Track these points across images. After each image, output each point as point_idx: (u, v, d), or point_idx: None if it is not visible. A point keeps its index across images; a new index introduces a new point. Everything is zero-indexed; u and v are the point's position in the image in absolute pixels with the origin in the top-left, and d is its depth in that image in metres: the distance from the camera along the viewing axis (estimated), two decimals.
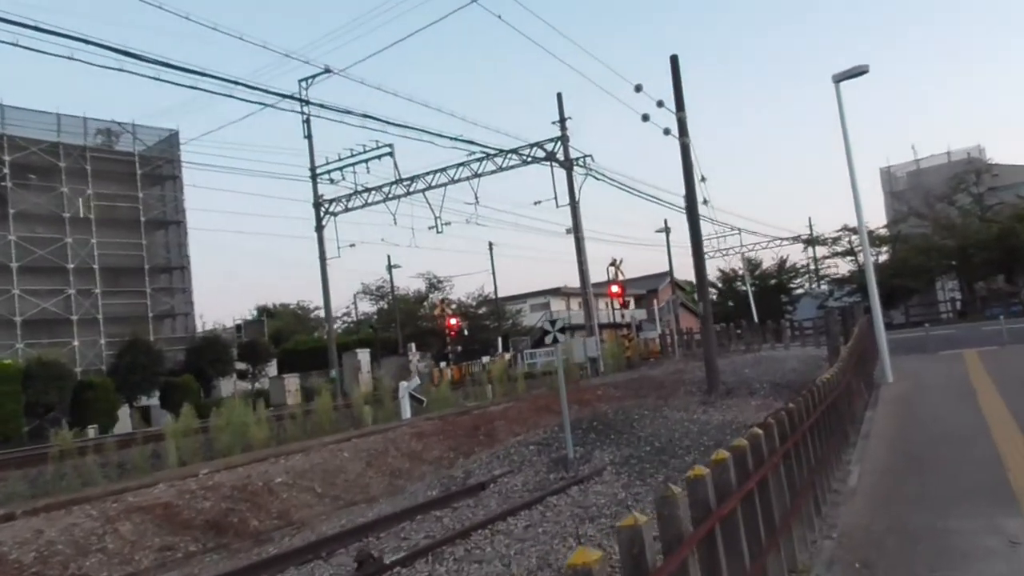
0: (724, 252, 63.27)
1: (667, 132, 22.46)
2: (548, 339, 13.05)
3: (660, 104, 22.00)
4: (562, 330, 13.04)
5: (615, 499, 10.09)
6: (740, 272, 61.87)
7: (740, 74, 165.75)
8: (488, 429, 19.34)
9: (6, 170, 36.07)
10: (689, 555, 3.79)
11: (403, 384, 22.56)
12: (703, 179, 29.22)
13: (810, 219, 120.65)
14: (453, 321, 48.94)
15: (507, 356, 42.22)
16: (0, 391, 30.10)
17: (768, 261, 66.42)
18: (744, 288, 58.72)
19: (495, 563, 7.55)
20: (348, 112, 24.27)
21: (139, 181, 41.52)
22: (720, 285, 66.09)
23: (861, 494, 8.09)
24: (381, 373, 39.00)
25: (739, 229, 61.90)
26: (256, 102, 21.51)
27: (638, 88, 20.88)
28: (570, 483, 11.17)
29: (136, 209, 41.21)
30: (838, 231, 59.33)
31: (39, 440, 28.32)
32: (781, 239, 65.87)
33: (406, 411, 22.13)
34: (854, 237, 54.58)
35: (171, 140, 43.01)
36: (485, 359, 41.92)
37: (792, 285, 66.62)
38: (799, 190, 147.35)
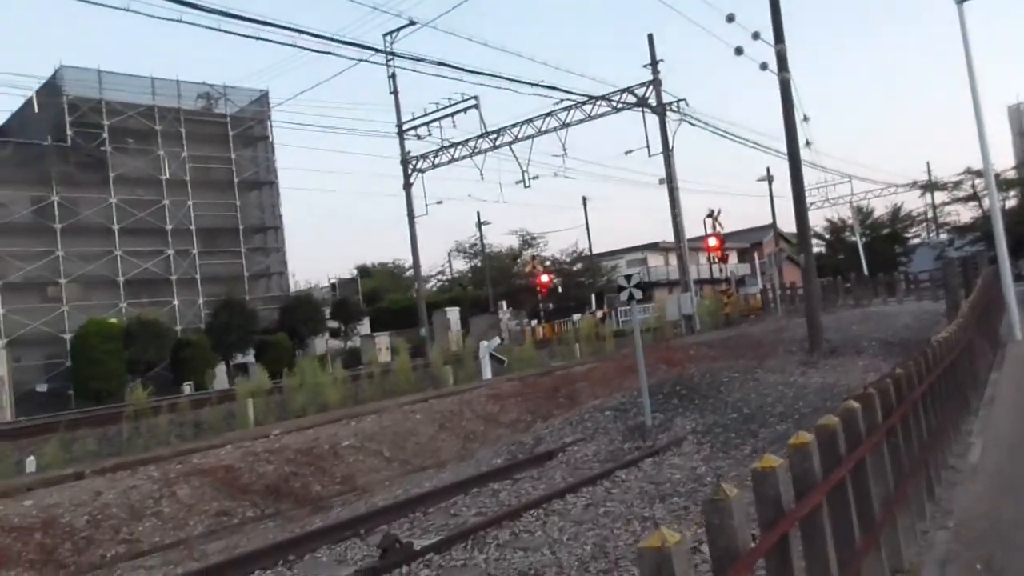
0: (833, 201, 59.62)
1: (764, 67, 20.59)
2: (623, 296, 11.88)
3: (756, 36, 20.13)
4: (638, 286, 11.85)
5: (693, 474, 8.96)
6: (849, 222, 58.38)
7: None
8: (569, 391, 18.41)
9: (105, 135, 36.94)
10: None
11: (483, 344, 21.85)
12: (805, 119, 27.09)
13: (928, 163, 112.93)
14: (544, 278, 48.01)
15: (598, 313, 40.99)
16: (104, 349, 31.09)
17: (880, 210, 62.39)
18: (853, 239, 55.39)
19: (542, 551, 6.58)
20: (421, 60, 23.36)
21: (232, 142, 41.99)
22: (827, 236, 62.67)
23: (983, 473, 6.76)
24: (463, 332, 38.57)
25: (849, 176, 58.04)
26: (338, 54, 20.89)
27: (730, 18, 19.11)
28: (645, 454, 10.08)
29: (229, 170, 41.76)
30: (959, 175, 54.81)
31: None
32: (896, 186, 61.45)
33: (487, 371, 21.44)
34: (978, 181, 50.34)
35: (262, 101, 43.27)
36: (576, 317, 40.89)
37: (907, 235, 62.54)
38: (916, 131, 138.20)
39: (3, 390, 28.42)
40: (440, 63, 23.71)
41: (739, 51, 20.07)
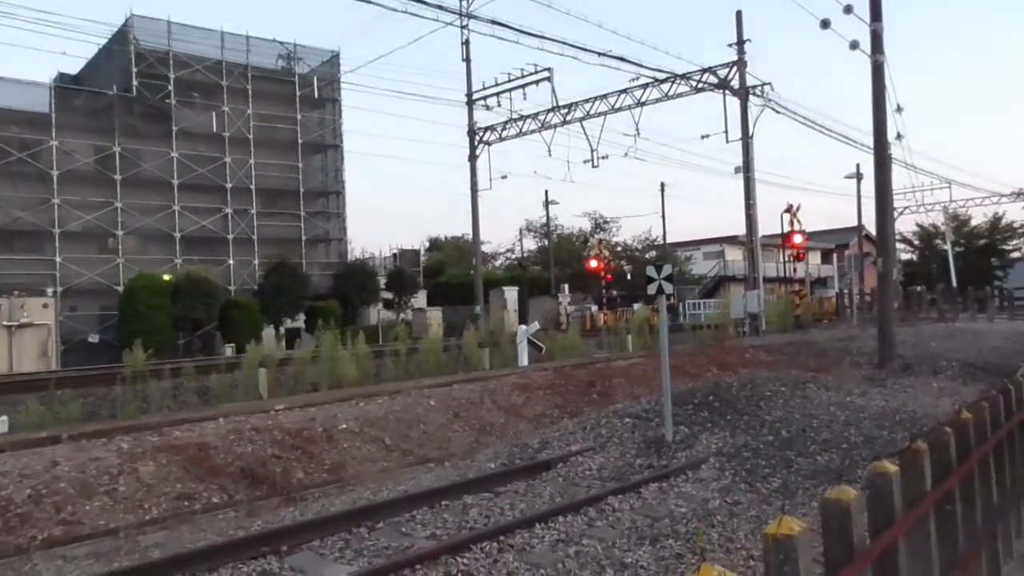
0: (928, 207, 55.72)
1: (855, 46, 18.44)
2: (651, 288, 10.30)
3: (848, 10, 18.02)
4: (669, 278, 10.24)
5: (702, 508, 7.38)
6: (942, 229, 54.62)
7: None
8: (604, 387, 16.89)
9: (170, 87, 36.65)
10: None
11: (521, 328, 20.49)
12: (899, 109, 24.64)
13: None
14: (594, 264, 46.48)
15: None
16: (151, 304, 30.88)
17: (980, 218, 58.20)
18: (945, 247, 51.80)
19: None
20: (474, 17, 21.83)
21: (299, 103, 41.29)
22: (917, 243, 58.97)
23: None
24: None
25: (948, 181, 53.99)
26: (412, 13, 19.86)
27: None
28: (654, 476, 8.53)
29: (294, 131, 41.09)
30: None
31: (190, 355, 28.70)
32: (999, 195, 56.83)
33: (523, 358, 20.08)
34: None
35: (333, 63, 42.43)
36: (636, 306, 39.15)
37: (1006, 247, 58.26)
38: None
39: (49, 339, 28.35)
40: (494, 22, 22.20)
41: (826, 24, 18.04)
